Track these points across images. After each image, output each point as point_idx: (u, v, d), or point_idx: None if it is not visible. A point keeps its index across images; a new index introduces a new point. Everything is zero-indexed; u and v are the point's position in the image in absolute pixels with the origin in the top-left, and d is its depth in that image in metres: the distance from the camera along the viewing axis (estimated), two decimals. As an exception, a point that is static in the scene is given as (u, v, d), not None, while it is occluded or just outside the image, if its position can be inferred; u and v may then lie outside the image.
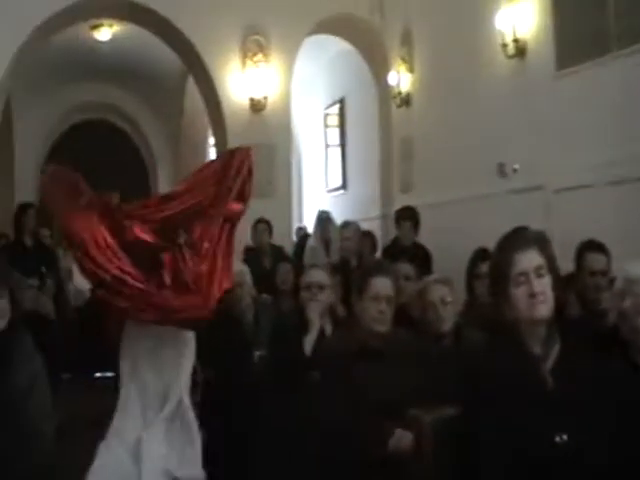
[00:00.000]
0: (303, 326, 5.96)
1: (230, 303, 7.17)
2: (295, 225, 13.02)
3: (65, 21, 11.74)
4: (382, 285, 4.85)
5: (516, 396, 3.18)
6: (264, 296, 7.70)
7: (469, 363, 3.64)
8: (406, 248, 9.05)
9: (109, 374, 10.47)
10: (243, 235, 10.14)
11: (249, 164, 5.33)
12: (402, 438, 4.45)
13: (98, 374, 10.75)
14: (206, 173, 5.48)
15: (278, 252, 10.11)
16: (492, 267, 3.50)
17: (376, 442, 4.43)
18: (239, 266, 7.71)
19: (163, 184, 16.91)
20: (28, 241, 10.15)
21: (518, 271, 3.21)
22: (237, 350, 6.47)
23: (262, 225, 10.19)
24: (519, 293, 3.21)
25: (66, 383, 7.65)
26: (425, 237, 9.37)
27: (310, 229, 12.55)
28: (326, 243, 10.39)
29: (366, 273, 5.05)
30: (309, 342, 5.85)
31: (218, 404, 6.40)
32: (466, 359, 4.30)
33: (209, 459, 6.04)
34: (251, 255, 9.81)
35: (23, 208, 10.39)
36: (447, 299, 5.36)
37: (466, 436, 3.37)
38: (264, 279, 8.06)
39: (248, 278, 7.43)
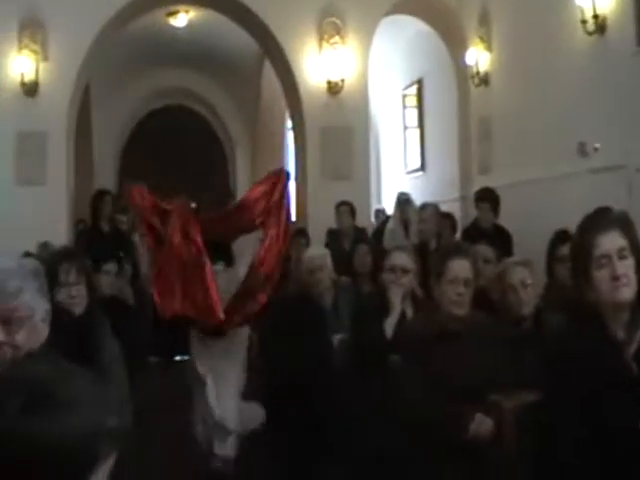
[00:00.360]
0: (384, 309, 5.94)
1: (310, 286, 7.22)
2: (374, 207, 12.96)
3: (142, 8, 11.86)
4: (460, 267, 4.79)
5: (598, 381, 3.12)
6: (343, 278, 7.68)
7: (550, 347, 3.59)
8: (485, 230, 8.97)
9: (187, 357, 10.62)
10: (327, 218, 10.23)
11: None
12: (482, 424, 4.41)
13: (178, 357, 10.84)
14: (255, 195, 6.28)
15: (360, 234, 10.09)
16: (574, 249, 3.44)
17: (456, 427, 4.39)
18: (320, 249, 7.72)
19: (241, 168, 17.00)
20: (105, 227, 10.29)
21: (600, 253, 3.15)
22: (320, 333, 6.48)
23: (344, 207, 10.20)
24: (601, 276, 3.15)
25: (146, 366, 7.68)
26: (505, 218, 9.26)
27: (389, 211, 12.52)
28: (405, 225, 10.35)
29: (444, 256, 4.99)
30: (390, 325, 5.82)
31: (298, 389, 6.43)
32: (547, 343, 4.24)
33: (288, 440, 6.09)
34: (333, 237, 9.83)
35: (100, 195, 10.55)
36: (527, 282, 5.28)
37: (547, 422, 3.32)
38: (344, 261, 8.03)
39: (328, 261, 7.41)
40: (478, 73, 11.13)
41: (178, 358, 10.39)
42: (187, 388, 7.12)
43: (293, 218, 13.39)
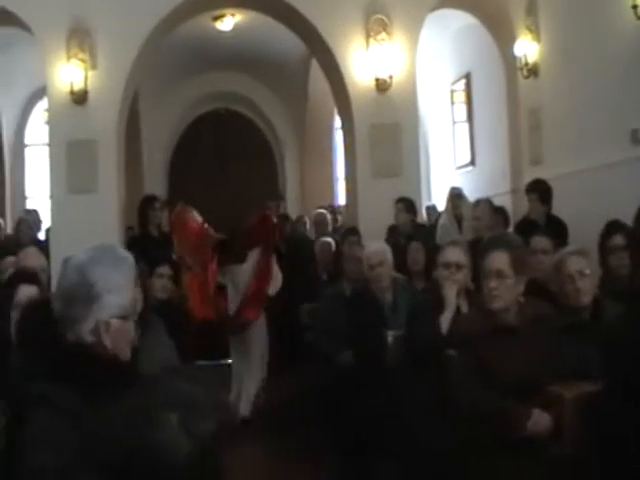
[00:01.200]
0: (439, 305, 5.91)
1: (369, 281, 7.23)
2: (425, 204, 12.90)
3: (188, 13, 11.89)
4: (490, 261, 4.75)
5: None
6: (399, 276, 7.65)
7: (610, 337, 3.52)
8: (536, 222, 8.89)
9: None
10: (377, 216, 10.24)
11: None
12: (540, 420, 4.35)
13: (223, 361, 10.87)
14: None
15: (417, 231, 10.04)
16: (633, 237, 3.38)
17: (513, 424, 4.34)
18: (381, 245, 7.70)
19: (290, 169, 16.99)
20: (154, 232, 10.40)
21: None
22: (375, 330, 6.47)
23: (399, 204, 10.21)
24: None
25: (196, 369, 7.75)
26: (558, 209, 9.16)
27: (440, 207, 12.47)
28: (458, 220, 10.31)
29: (481, 252, 4.97)
30: (445, 321, 5.80)
31: (354, 383, 6.43)
32: (607, 333, 4.18)
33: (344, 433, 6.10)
34: (391, 234, 9.83)
35: (148, 201, 10.66)
36: (585, 271, 5.21)
37: (609, 412, 3.28)
38: (399, 258, 8.00)
39: (389, 257, 7.40)
40: (527, 64, 11.02)
41: (222, 362, 10.45)
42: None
43: (340, 218, 13.48)
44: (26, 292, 4.83)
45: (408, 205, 10.24)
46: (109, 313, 3.03)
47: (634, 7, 8.36)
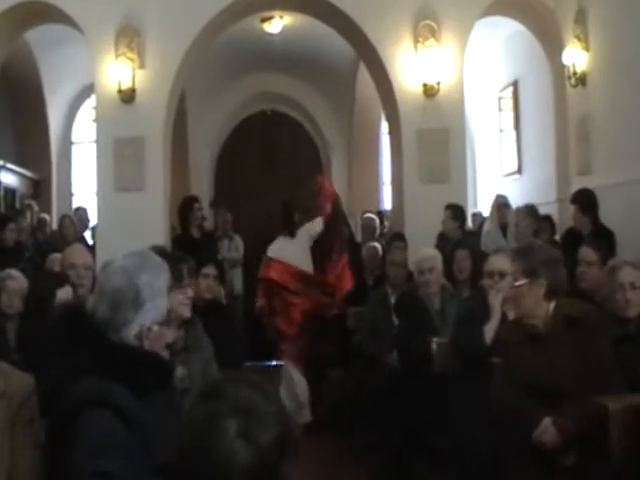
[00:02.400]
0: (485, 313, 5.89)
1: (419, 287, 7.23)
2: (470, 211, 12.84)
3: (236, 15, 11.92)
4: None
5: None
6: (447, 283, 7.63)
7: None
8: (580, 232, 8.83)
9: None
10: (424, 221, 10.23)
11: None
12: (546, 432, 4.34)
13: (273, 362, 10.87)
14: None
15: (467, 238, 10.00)
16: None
17: (522, 426, 4.35)
18: (432, 251, 7.70)
19: (337, 172, 16.97)
20: (195, 233, 10.48)
21: None
22: (422, 336, 6.47)
23: (447, 211, 10.18)
24: None
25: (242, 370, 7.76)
26: (606, 219, 9.09)
27: (485, 214, 12.41)
28: (503, 228, 10.27)
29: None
30: (490, 330, 5.78)
31: (399, 387, 6.44)
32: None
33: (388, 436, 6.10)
34: (440, 241, 9.82)
35: (189, 201, 10.76)
36: (637, 284, 5.17)
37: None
38: (446, 265, 7.97)
39: (439, 263, 7.40)
40: (575, 73, 10.94)
41: (274, 363, 10.44)
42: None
43: (386, 223, 13.46)
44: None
45: (457, 212, 10.20)
46: (151, 318, 3.12)
47: (684, 17, 8.30)
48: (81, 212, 13.26)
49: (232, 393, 2.13)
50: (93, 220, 12.50)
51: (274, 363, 9.36)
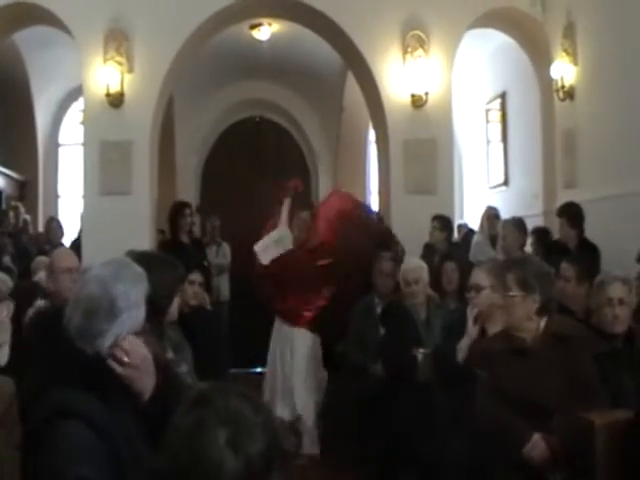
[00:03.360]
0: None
1: (404, 298, 7.22)
2: (457, 222, 12.87)
3: (225, 21, 11.93)
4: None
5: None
6: (433, 294, 7.64)
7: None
8: (565, 245, 8.87)
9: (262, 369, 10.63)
10: (410, 232, 10.22)
11: None
12: (536, 447, 4.33)
13: (260, 369, 10.85)
14: None
15: (452, 249, 10.01)
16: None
17: (510, 443, 4.34)
18: (418, 262, 7.70)
19: (324, 179, 16.96)
20: (184, 238, 10.47)
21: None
22: (407, 347, 6.47)
23: (434, 222, 10.22)
24: None
25: (226, 378, 7.72)
26: (591, 233, 9.12)
27: (471, 226, 12.43)
28: (493, 239, 10.29)
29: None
30: (462, 346, 5.80)
31: (382, 397, 6.43)
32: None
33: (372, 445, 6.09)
34: (426, 251, 9.81)
35: (179, 207, 10.76)
36: (625, 299, 5.18)
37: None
38: (433, 276, 7.98)
39: (425, 275, 7.40)
40: (563, 87, 10.98)
41: (259, 370, 10.42)
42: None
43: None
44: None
45: (444, 223, 10.23)
46: (127, 329, 3.08)
47: (673, 33, 8.34)
48: (55, 224, 12.91)
49: (221, 403, 2.13)
50: (76, 223, 12.42)
51: (259, 370, 9.30)
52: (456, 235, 12.20)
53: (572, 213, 9.06)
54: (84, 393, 2.91)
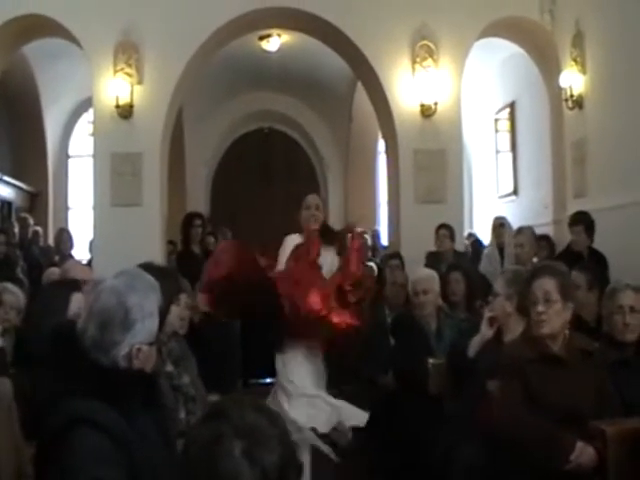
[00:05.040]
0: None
1: (415, 308, 7.19)
2: (466, 231, 12.87)
3: (234, 32, 11.95)
4: (538, 286, 4.71)
5: None
6: (443, 304, 7.61)
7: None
8: (580, 254, 8.86)
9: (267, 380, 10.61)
10: (420, 241, 10.20)
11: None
12: (584, 453, 4.30)
13: (269, 379, 10.85)
14: None
15: (458, 258, 10.01)
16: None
17: (557, 456, 4.29)
18: (429, 272, 7.65)
19: (333, 191, 16.99)
20: (196, 249, 10.49)
21: None
22: (418, 357, 6.47)
23: (443, 231, 10.19)
24: None
25: (235, 388, 7.70)
26: (600, 243, 9.12)
27: (481, 235, 12.42)
28: (500, 249, 10.29)
29: (526, 280, 4.94)
30: (474, 343, 5.81)
31: (395, 407, 6.42)
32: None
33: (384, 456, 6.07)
34: (431, 260, 9.77)
35: (191, 218, 10.77)
36: (636, 307, 5.18)
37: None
38: (441, 285, 7.94)
39: (436, 285, 7.37)
40: (572, 96, 10.98)
41: (268, 380, 10.41)
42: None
43: (384, 242, 13.40)
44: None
45: (452, 232, 10.23)
46: (141, 339, 3.11)
47: (680, 42, 8.34)
48: (65, 235, 12.95)
49: (237, 415, 2.14)
50: (89, 235, 12.41)
51: (269, 380, 9.21)
52: (466, 243, 12.22)
53: (588, 222, 9.07)
54: (100, 402, 2.93)
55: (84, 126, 16.87)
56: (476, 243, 12.90)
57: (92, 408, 2.91)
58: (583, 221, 9.11)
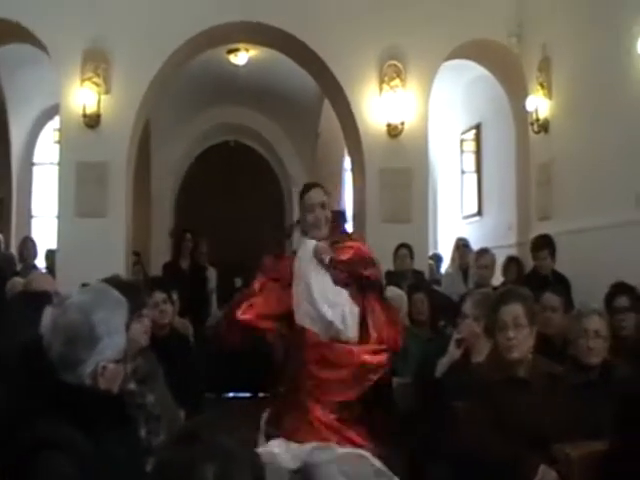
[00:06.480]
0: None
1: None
2: (430, 251, 12.92)
3: (203, 45, 11.97)
4: (508, 312, 4.77)
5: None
6: (408, 323, 7.64)
7: (625, 396, 3.51)
8: (546, 277, 8.95)
9: (243, 394, 10.60)
10: (385, 260, 10.20)
11: None
12: (546, 476, 4.34)
13: (231, 394, 10.83)
14: None
15: (418, 278, 10.07)
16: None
17: (522, 473, 4.33)
18: (397, 291, 7.67)
19: (298, 206, 17.01)
20: (184, 263, 10.63)
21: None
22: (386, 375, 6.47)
23: (403, 250, 10.22)
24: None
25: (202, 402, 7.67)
26: (563, 266, 9.22)
27: (445, 256, 12.48)
28: (464, 271, 10.35)
29: (493, 305, 4.99)
30: (442, 364, 5.85)
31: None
32: (618, 393, 4.18)
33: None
34: (391, 279, 9.80)
35: (183, 232, 10.98)
36: (602, 332, 5.25)
37: (617, 472, 3.27)
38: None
39: (404, 305, 7.39)
40: (538, 120, 11.08)
41: (231, 395, 10.41)
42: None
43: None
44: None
45: (412, 251, 10.26)
46: (107, 356, 3.06)
47: (645, 70, 8.44)
48: (30, 243, 12.79)
49: (209, 438, 2.15)
50: (52, 244, 12.30)
51: (231, 395, 9.23)
52: (430, 264, 12.29)
53: (552, 245, 9.19)
54: (67, 423, 2.89)
55: (50, 133, 16.74)
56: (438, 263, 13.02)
57: (58, 430, 2.87)
58: (547, 245, 9.22)
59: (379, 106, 11.48)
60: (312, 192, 6.16)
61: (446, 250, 13.46)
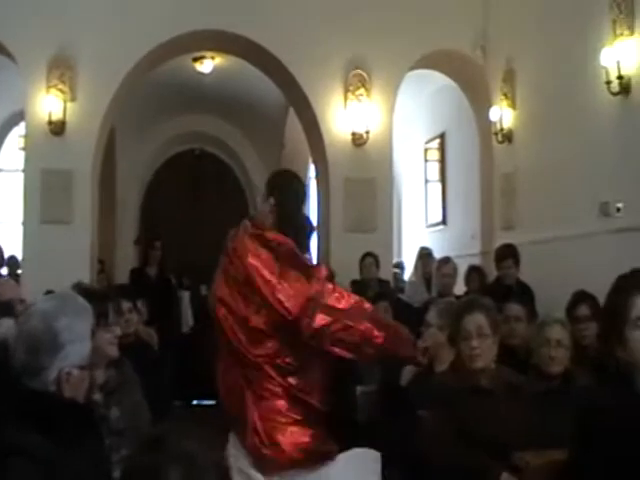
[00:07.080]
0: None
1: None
2: (394, 260, 12.96)
3: (169, 53, 11.94)
4: (471, 321, 4.83)
5: (630, 442, 3.10)
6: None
7: (583, 406, 3.56)
8: (510, 287, 9.02)
9: (208, 402, 10.58)
10: (349, 269, 10.22)
11: None
12: None
13: (195, 402, 10.83)
14: None
15: (383, 287, 10.11)
16: (607, 309, 3.43)
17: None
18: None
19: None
20: (151, 271, 10.63)
21: (637, 315, 3.14)
22: (348, 383, 6.49)
23: (369, 259, 10.27)
24: (637, 337, 3.14)
25: (170, 410, 7.67)
26: (526, 275, 9.30)
27: (408, 264, 12.54)
28: (427, 279, 10.40)
29: (456, 315, 5.04)
30: (406, 372, 5.89)
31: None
32: (577, 402, 4.23)
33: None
34: (356, 288, 9.84)
35: (152, 240, 11.01)
36: (564, 342, 5.32)
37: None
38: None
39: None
40: (502, 130, 11.16)
41: (195, 402, 10.41)
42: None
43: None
44: (5, 325, 4.81)
45: (378, 260, 10.31)
46: (71, 363, 3.05)
47: (608, 83, 8.53)
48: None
49: (174, 443, 2.17)
50: (17, 251, 12.23)
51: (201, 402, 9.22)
52: (396, 272, 12.33)
53: (516, 254, 9.25)
54: (34, 431, 2.89)
55: (15, 140, 16.64)
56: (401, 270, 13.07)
57: (25, 436, 2.87)
58: (511, 255, 9.29)
59: (344, 115, 11.52)
60: None
61: (410, 259, 13.52)
